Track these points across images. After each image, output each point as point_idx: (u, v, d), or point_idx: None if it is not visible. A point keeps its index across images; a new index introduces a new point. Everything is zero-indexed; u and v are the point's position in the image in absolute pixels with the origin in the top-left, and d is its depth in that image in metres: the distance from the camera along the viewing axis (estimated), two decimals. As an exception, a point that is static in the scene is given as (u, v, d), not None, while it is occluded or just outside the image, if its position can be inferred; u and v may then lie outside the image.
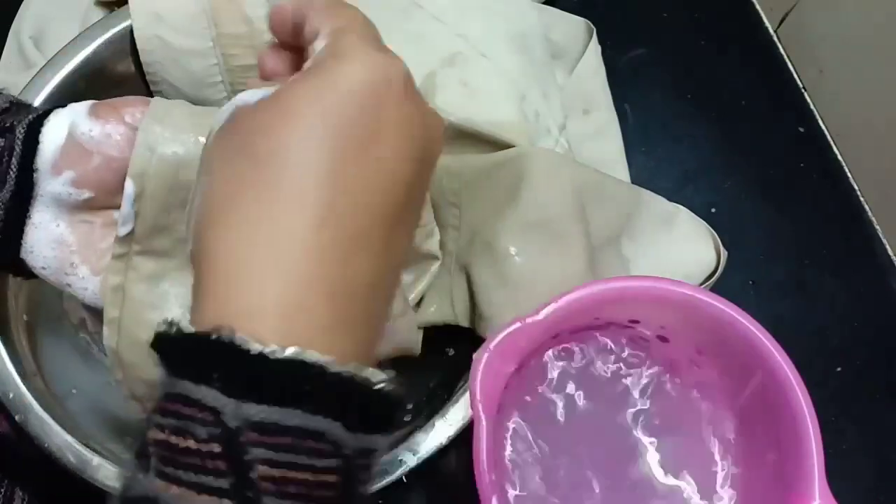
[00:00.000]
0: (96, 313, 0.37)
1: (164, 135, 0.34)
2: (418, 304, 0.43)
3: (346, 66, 0.24)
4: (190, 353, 0.21)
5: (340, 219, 0.23)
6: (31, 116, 0.34)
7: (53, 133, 0.33)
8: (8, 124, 0.33)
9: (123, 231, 0.34)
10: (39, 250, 0.34)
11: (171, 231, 0.35)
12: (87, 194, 0.34)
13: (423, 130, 0.25)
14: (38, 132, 0.33)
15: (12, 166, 0.33)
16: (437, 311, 0.43)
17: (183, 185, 0.34)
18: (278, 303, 0.22)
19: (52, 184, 0.34)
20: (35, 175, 0.33)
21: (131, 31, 0.44)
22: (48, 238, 0.34)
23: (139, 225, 0.35)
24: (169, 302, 0.36)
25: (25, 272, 0.35)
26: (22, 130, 0.33)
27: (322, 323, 0.22)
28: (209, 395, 0.20)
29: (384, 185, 0.24)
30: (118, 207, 0.34)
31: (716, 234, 0.44)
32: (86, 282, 0.35)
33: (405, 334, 0.41)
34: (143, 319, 0.36)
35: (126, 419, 0.44)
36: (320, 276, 0.22)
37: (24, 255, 0.35)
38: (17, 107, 0.36)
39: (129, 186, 0.34)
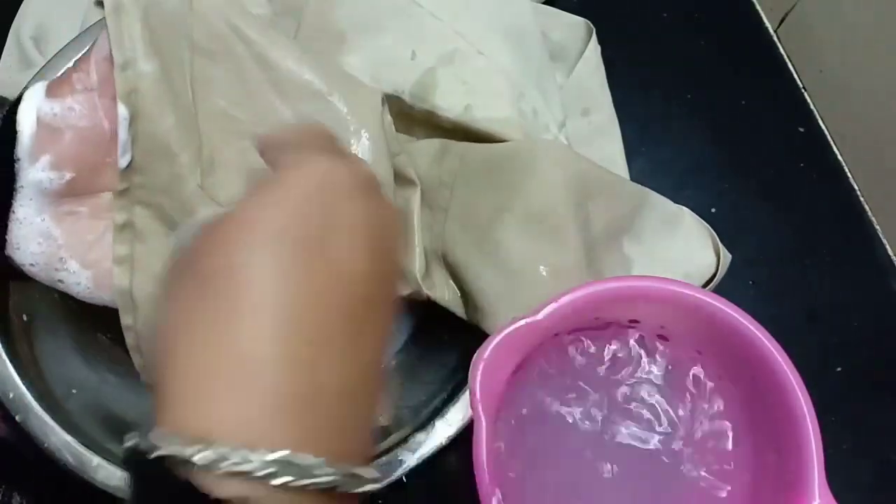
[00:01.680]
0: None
1: (137, 51, 0.33)
2: None
3: (289, 175, 0.24)
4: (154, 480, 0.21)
5: (297, 326, 0.22)
6: (5, 108, 0.33)
7: (26, 121, 0.33)
8: None
9: (124, 162, 0.34)
10: (26, 246, 0.34)
11: None
12: (67, 175, 0.34)
13: (377, 226, 0.25)
14: (14, 122, 0.33)
15: None
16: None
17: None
18: (239, 425, 0.21)
19: (31, 172, 0.33)
20: (16, 166, 0.33)
21: (131, 31, 0.44)
22: (34, 233, 0.34)
23: (138, 150, 0.34)
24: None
25: (15, 272, 0.35)
26: None
27: (290, 437, 0.21)
28: None
29: (340, 284, 0.23)
30: (102, 190, 0.34)
31: (717, 238, 0.44)
32: (77, 276, 0.35)
33: None
34: (159, 251, 0.35)
35: (126, 419, 0.44)
36: (284, 389, 0.21)
37: (10, 252, 0.34)
38: None
39: (122, 110, 0.33)
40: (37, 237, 0.34)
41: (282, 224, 0.23)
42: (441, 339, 0.47)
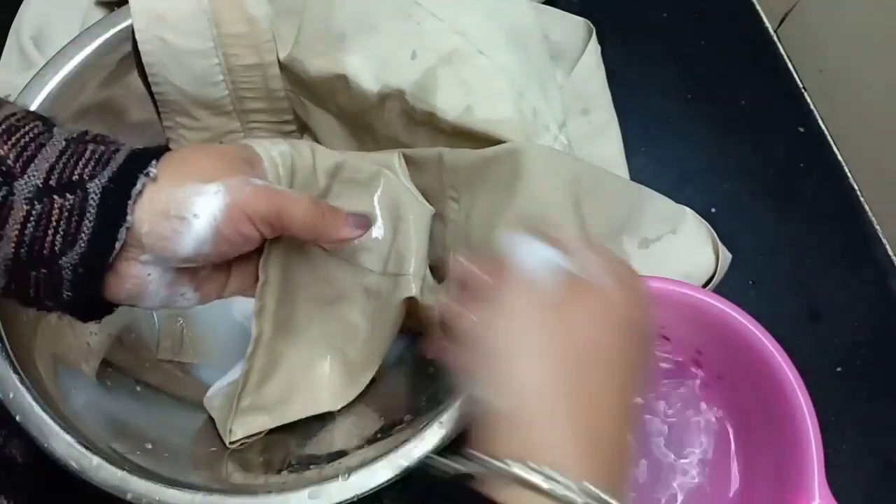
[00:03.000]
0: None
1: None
2: None
3: (642, 300, 0.33)
4: None
5: (580, 383, 0.29)
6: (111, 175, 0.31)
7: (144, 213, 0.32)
8: (76, 177, 0.31)
9: None
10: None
11: None
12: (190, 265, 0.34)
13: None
14: (125, 206, 0.31)
15: (83, 230, 0.31)
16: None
17: None
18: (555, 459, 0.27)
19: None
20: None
21: (132, 32, 0.44)
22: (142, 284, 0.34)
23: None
24: None
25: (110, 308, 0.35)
26: (97, 195, 0.31)
27: (578, 470, 0.27)
28: None
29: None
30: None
31: (717, 238, 0.44)
32: (189, 300, 0.36)
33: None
34: None
35: (126, 419, 0.44)
36: (579, 437, 0.28)
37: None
38: (75, 145, 0.32)
39: None
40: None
41: (629, 334, 0.31)
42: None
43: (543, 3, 0.53)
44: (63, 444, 0.38)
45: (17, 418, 0.38)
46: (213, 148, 0.37)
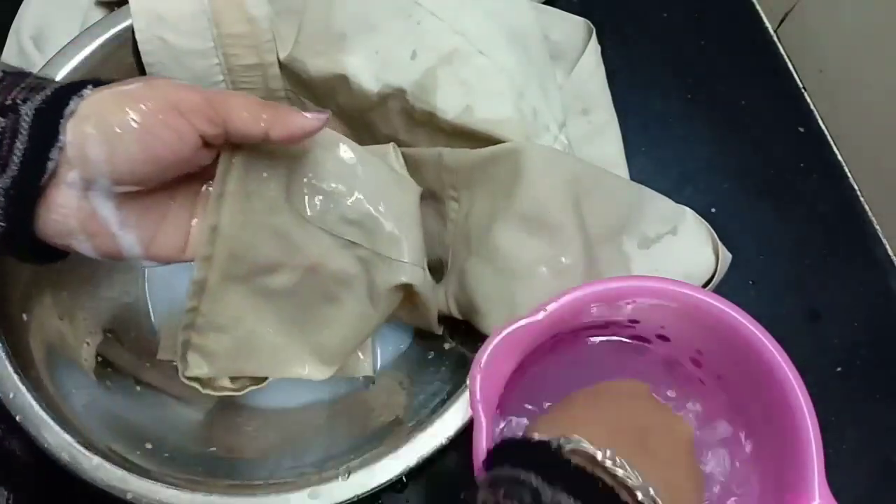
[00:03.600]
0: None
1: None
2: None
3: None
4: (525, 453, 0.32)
5: None
6: (41, 98, 0.31)
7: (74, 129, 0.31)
8: (9, 101, 0.31)
9: None
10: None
11: None
12: (126, 188, 0.33)
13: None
14: (57, 124, 0.31)
15: (14, 153, 0.30)
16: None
17: None
18: None
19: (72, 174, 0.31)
20: (48, 164, 0.31)
21: (132, 32, 0.44)
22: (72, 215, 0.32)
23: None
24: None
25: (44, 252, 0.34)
26: (28, 116, 0.30)
27: None
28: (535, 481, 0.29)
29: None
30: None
31: (717, 238, 0.44)
32: (128, 245, 0.35)
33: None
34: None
35: (126, 419, 0.44)
36: None
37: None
38: (12, 77, 0.32)
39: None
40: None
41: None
42: (442, 341, 0.47)
43: (543, 3, 0.53)
44: (63, 444, 0.38)
45: (18, 418, 0.38)
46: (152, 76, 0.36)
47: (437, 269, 0.45)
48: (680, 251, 0.44)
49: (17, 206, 0.31)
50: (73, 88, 0.31)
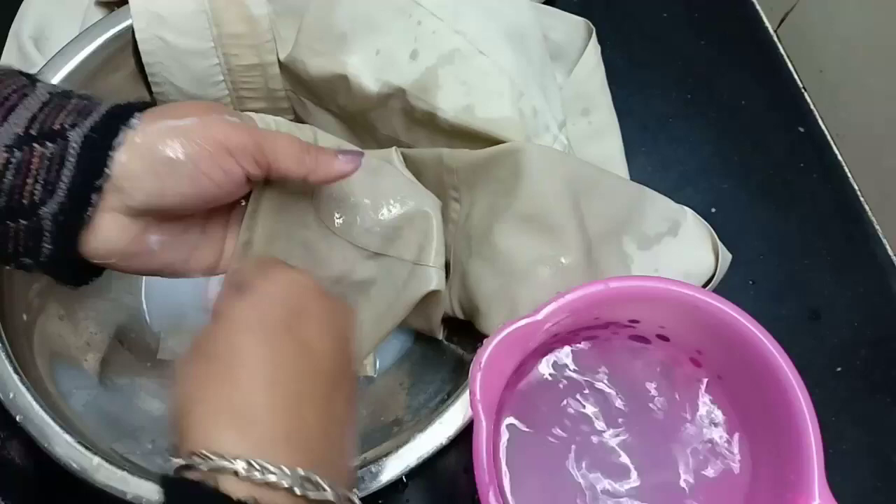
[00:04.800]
0: None
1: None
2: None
3: (270, 284, 0.32)
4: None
5: (284, 383, 0.29)
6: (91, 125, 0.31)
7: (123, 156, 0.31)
8: (57, 126, 0.31)
9: None
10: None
11: None
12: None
13: (335, 317, 0.33)
14: (106, 156, 0.31)
15: (62, 180, 0.30)
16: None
17: None
18: (246, 452, 0.27)
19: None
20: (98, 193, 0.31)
21: (132, 32, 0.44)
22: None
23: None
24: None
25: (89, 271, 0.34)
26: (77, 144, 0.30)
27: (283, 461, 0.27)
28: None
29: (310, 357, 0.31)
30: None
31: (717, 238, 0.44)
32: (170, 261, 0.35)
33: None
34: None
35: (126, 419, 0.44)
36: (278, 427, 0.28)
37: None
38: (58, 98, 0.32)
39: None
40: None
41: (268, 317, 0.31)
42: (441, 341, 0.47)
43: (543, 2, 0.53)
44: (63, 445, 0.38)
45: (18, 418, 0.38)
46: (200, 101, 0.36)
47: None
48: (680, 251, 0.44)
49: (63, 232, 0.31)
50: (122, 116, 0.32)
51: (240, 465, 0.26)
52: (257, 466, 0.26)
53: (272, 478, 0.26)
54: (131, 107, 0.32)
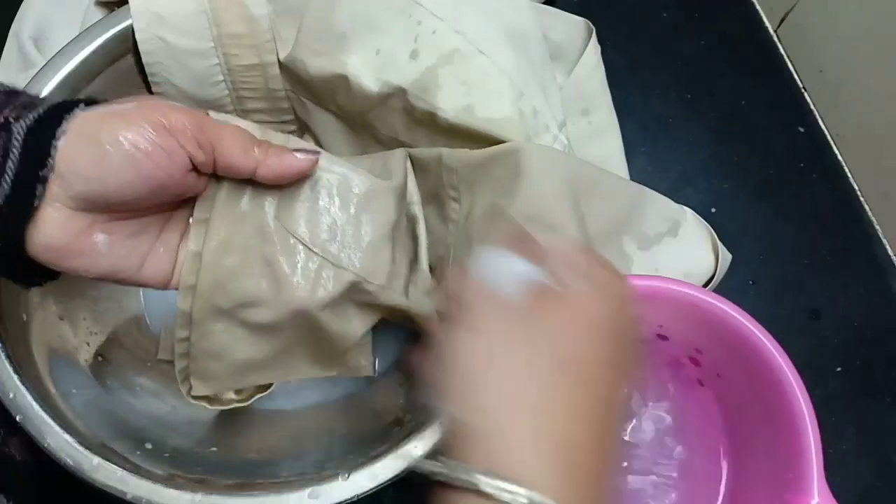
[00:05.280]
0: None
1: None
2: None
3: (621, 305, 0.32)
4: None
5: (595, 417, 0.29)
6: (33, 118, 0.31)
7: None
8: (1, 120, 0.31)
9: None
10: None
11: None
12: (117, 209, 0.33)
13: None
14: (49, 145, 0.30)
15: (6, 173, 0.30)
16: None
17: None
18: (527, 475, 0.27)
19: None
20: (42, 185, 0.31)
21: (132, 32, 0.44)
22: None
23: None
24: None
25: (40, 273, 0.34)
26: (20, 135, 0.30)
27: (554, 491, 0.27)
28: None
29: (615, 389, 0.30)
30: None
31: (717, 239, 0.44)
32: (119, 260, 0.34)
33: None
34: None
35: (126, 419, 0.44)
36: (563, 458, 0.28)
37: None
38: (5, 95, 0.32)
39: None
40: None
41: (609, 341, 0.30)
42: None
43: (544, 2, 0.53)
44: (63, 444, 0.38)
45: (18, 418, 0.38)
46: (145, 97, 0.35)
47: (434, 268, 0.44)
48: (680, 251, 0.44)
49: (8, 225, 0.31)
50: (65, 107, 0.31)
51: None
52: (510, 489, 0.26)
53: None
54: (77, 101, 0.32)
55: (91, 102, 0.33)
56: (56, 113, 0.31)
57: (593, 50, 0.50)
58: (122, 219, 0.34)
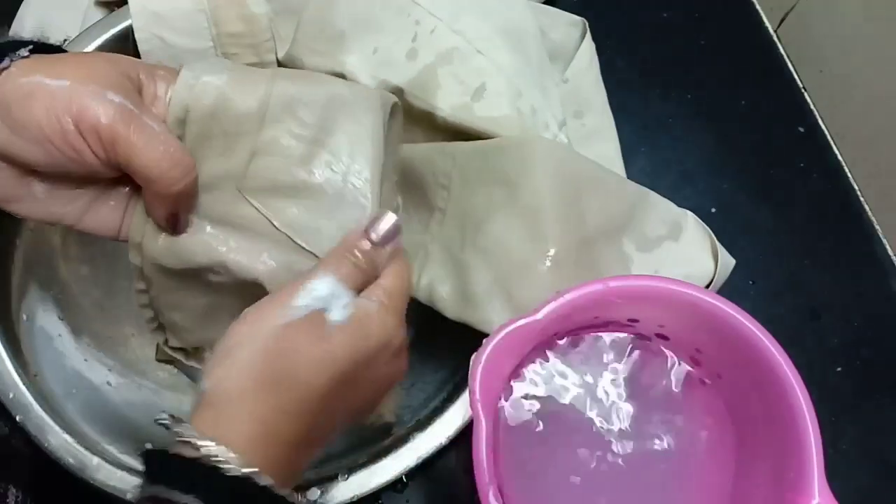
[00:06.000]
0: None
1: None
2: None
3: (381, 333, 0.33)
4: (178, 470, 0.27)
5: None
6: None
7: None
8: None
9: None
10: None
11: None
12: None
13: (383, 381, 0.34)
14: None
15: None
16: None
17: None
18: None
19: None
20: None
21: (132, 31, 0.44)
22: None
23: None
24: None
25: None
26: None
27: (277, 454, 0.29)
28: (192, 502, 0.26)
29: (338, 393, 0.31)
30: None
31: (717, 243, 0.44)
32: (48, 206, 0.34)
33: None
34: None
35: (126, 419, 0.44)
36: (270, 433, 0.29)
37: None
38: None
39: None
40: None
41: (349, 363, 0.32)
42: (440, 341, 0.47)
43: (543, 2, 0.53)
44: (63, 444, 0.38)
45: (18, 418, 0.38)
46: (102, 54, 0.34)
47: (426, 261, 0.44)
48: (680, 255, 0.43)
49: None
50: (6, 49, 0.30)
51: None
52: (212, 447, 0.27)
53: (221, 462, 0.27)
54: (18, 44, 0.31)
55: (42, 49, 0.31)
56: (2, 49, 0.30)
57: (587, 48, 0.50)
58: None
